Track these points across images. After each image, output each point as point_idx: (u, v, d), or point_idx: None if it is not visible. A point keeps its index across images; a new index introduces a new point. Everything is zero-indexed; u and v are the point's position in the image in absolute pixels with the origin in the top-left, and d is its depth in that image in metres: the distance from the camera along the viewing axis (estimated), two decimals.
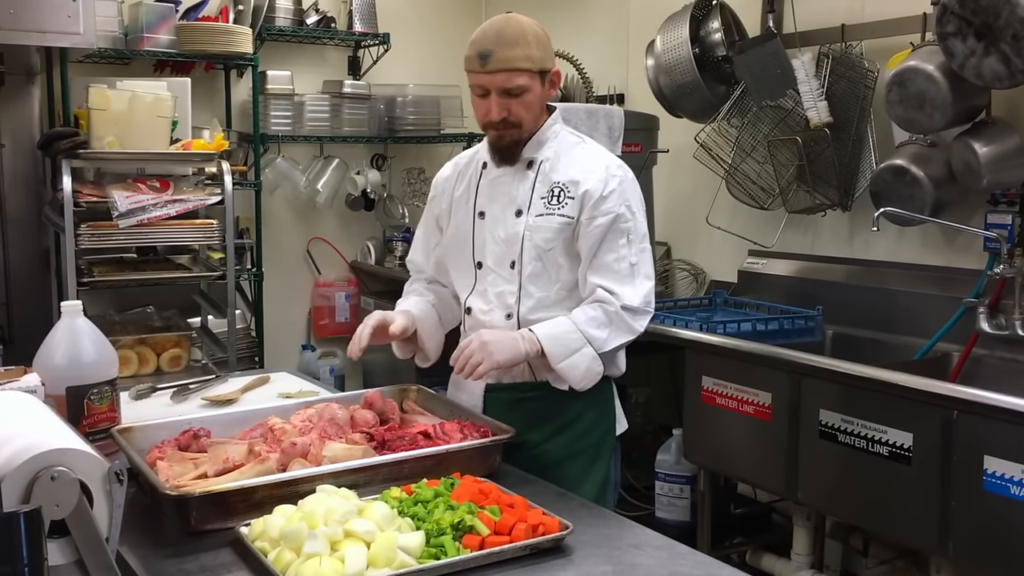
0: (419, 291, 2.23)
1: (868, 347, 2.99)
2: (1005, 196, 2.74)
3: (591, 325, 1.95)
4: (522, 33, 1.94)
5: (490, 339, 1.90)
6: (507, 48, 1.92)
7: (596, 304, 1.98)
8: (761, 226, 3.47)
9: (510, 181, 2.06)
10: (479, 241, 2.08)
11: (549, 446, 2.03)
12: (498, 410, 2.02)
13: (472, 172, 2.14)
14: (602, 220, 1.97)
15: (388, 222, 4.82)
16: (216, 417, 1.94)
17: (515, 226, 2.03)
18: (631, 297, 1.97)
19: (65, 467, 1.15)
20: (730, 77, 3.37)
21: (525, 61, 1.93)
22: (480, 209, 2.09)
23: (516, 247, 2.02)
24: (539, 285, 2.02)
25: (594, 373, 1.98)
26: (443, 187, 2.20)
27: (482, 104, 1.99)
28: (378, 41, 4.61)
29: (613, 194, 1.99)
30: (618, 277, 1.98)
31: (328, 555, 1.36)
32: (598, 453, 2.09)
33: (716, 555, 1.96)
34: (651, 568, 1.47)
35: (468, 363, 1.88)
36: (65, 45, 3.40)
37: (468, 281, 2.11)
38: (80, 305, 1.84)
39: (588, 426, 2.08)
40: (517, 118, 1.98)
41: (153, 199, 3.37)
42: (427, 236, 2.27)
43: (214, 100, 4.37)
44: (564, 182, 2.01)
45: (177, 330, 3.65)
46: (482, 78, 1.96)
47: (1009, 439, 2.16)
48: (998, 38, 2.41)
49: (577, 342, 1.94)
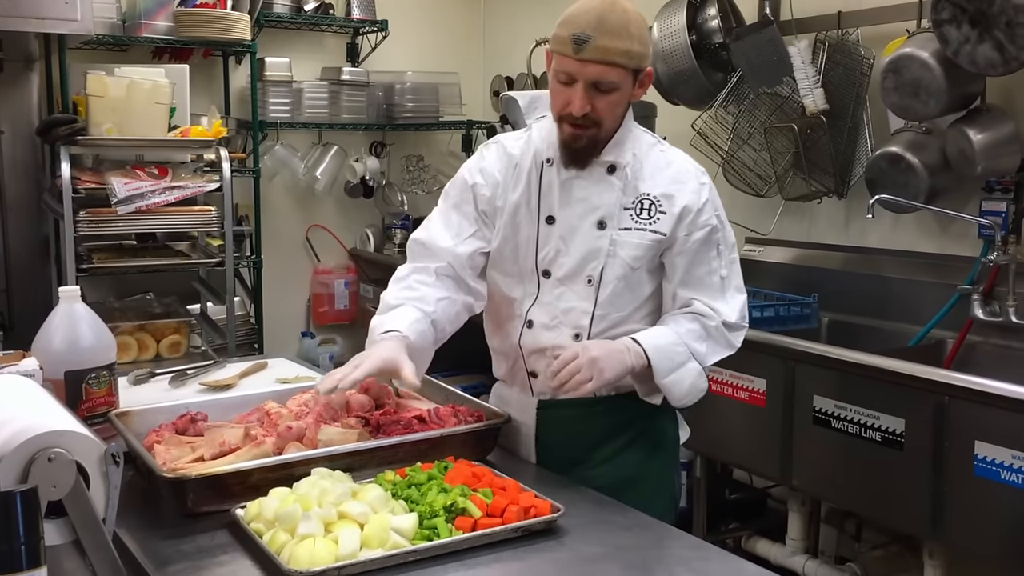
0: (420, 294, 1.86)
1: (863, 334, 3.01)
2: (1000, 183, 2.75)
3: (692, 337, 1.82)
4: (626, 23, 1.72)
5: (599, 354, 1.74)
6: (608, 38, 1.70)
7: (693, 316, 1.84)
8: (757, 213, 3.48)
9: (588, 186, 1.84)
10: (547, 249, 1.86)
11: (612, 464, 1.90)
12: (553, 429, 1.91)
13: (531, 167, 1.89)
14: (699, 235, 1.83)
15: (387, 209, 4.83)
16: (213, 402, 1.95)
17: (597, 240, 1.83)
18: (728, 313, 1.84)
19: (62, 448, 1.16)
20: (727, 64, 3.38)
21: (624, 56, 1.72)
22: (548, 213, 1.86)
23: (597, 262, 1.83)
24: (618, 305, 1.85)
25: (698, 390, 1.84)
26: (491, 179, 1.92)
27: (564, 93, 1.77)
28: (376, 28, 4.61)
29: (707, 205, 1.84)
30: (711, 292, 1.84)
31: (322, 536, 1.37)
32: (664, 467, 1.97)
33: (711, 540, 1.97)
34: (642, 550, 1.48)
35: (574, 379, 1.72)
36: (63, 31, 3.41)
37: (529, 289, 1.89)
38: (78, 290, 1.85)
39: (653, 439, 1.94)
40: (599, 116, 1.77)
41: (151, 186, 3.39)
42: (461, 222, 1.93)
43: (212, 87, 4.38)
44: (655, 195, 1.83)
45: (176, 317, 3.67)
46: (572, 65, 1.73)
47: (1000, 425, 2.18)
48: (992, 25, 2.42)
49: (683, 355, 1.80)
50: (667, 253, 1.85)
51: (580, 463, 1.89)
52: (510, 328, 1.93)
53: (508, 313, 1.93)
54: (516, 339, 1.92)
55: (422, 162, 4.84)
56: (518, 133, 1.98)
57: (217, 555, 1.43)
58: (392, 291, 1.89)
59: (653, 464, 1.94)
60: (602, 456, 1.90)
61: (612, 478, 1.84)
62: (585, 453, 1.90)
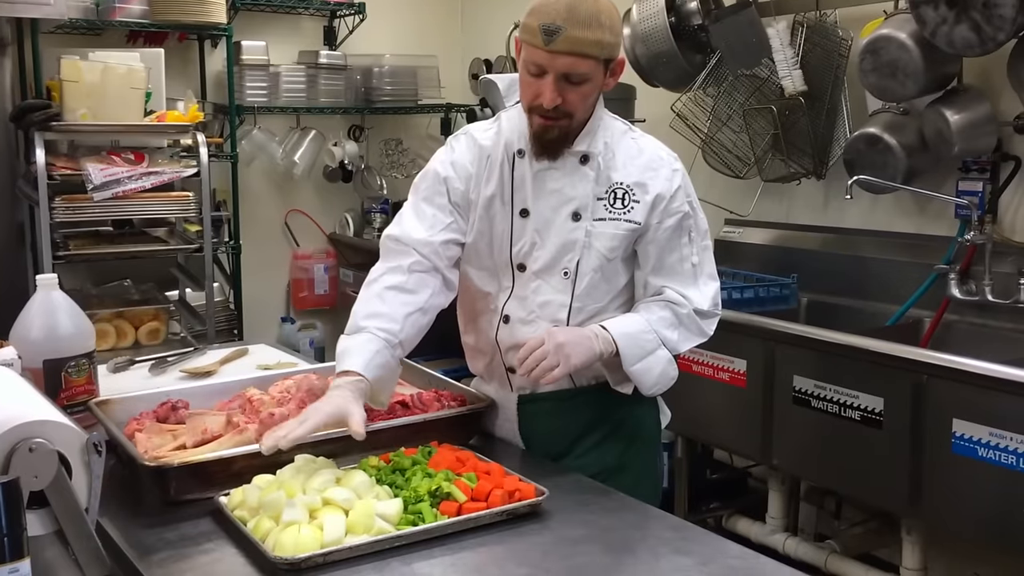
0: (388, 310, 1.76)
1: (842, 314, 3.03)
2: (976, 163, 2.77)
3: (662, 325, 1.80)
4: (597, 13, 1.68)
5: (565, 340, 1.72)
6: (579, 28, 1.66)
7: (664, 304, 1.83)
8: (737, 195, 3.49)
9: (561, 177, 1.82)
10: (521, 242, 1.84)
11: (595, 454, 1.88)
12: (534, 422, 1.90)
13: (503, 160, 1.85)
14: (670, 222, 1.81)
15: (366, 193, 4.80)
16: (194, 389, 1.94)
17: (572, 231, 1.81)
18: (700, 300, 1.83)
19: (43, 439, 1.16)
20: (706, 46, 3.37)
21: (595, 47, 1.69)
22: (522, 206, 1.84)
23: (572, 255, 1.81)
24: (595, 296, 1.83)
25: (668, 378, 1.83)
26: (463, 172, 1.87)
27: (534, 84, 1.73)
28: (353, 11, 4.57)
29: (679, 191, 1.83)
30: (683, 279, 1.83)
31: (307, 523, 1.38)
32: (645, 457, 1.96)
33: (693, 520, 1.99)
34: (625, 531, 1.50)
35: (540, 366, 1.70)
36: (36, 16, 3.36)
37: (504, 283, 1.87)
38: (55, 278, 1.83)
39: (634, 427, 1.93)
40: (571, 107, 1.74)
41: (128, 172, 3.35)
42: (435, 213, 1.85)
43: (188, 71, 4.33)
44: (628, 184, 1.81)
45: (155, 303, 3.63)
46: (542, 57, 1.69)
47: (977, 402, 2.21)
48: (969, 6, 2.43)
49: (652, 343, 1.79)
50: (640, 241, 1.83)
51: (562, 456, 1.88)
52: (485, 324, 1.91)
53: (483, 308, 1.91)
54: (493, 335, 1.89)
55: (401, 146, 4.82)
56: (487, 123, 1.94)
57: (201, 543, 1.43)
58: (362, 302, 1.80)
59: (634, 454, 1.93)
60: (583, 448, 1.89)
61: (594, 469, 1.82)
62: (567, 446, 1.89)
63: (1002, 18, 2.39)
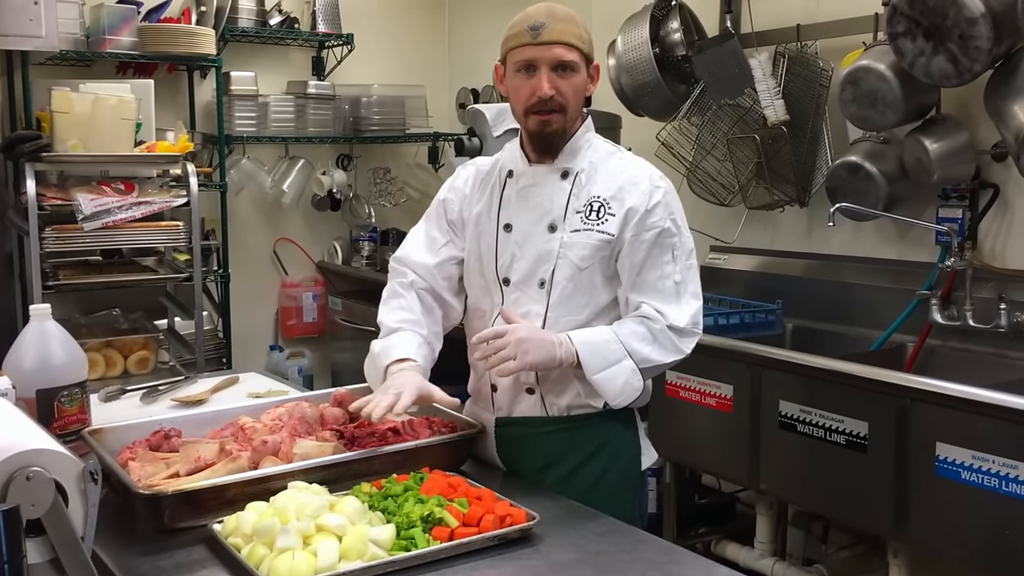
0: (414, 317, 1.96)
1: (827, 339, 3.07)
2: (955, 191, 2.82)
3: (633, 338, 1.82)
4: (572, 14, 1.86)
5: (527, 336, 1.77)
6: (561, 23, 1.82)
7: (640, 319, 1.84)
8: (722, 222, 3.53)
9: (542, 192, 1.90)
10: (505, 256, 1.91)
11: (567, 485, 1.86)
12: (509, 446, 1.93)
13: (495, 181, 1.97)
14: (648, 236, 1.84)
15: (354, 222, 4.83)
16: (187, 417, 1.95)
17: (548, 242, 1.87)
18: (677, 317, 1.83)
19: (40, 467, 1.17)
20: (690, 76, 3.43)
21: (578, 39, 1.83)
22: (506, 221, 1.92)
23: (548, 265, 1.87)
24: (569, 307, 1.86)
25: (633, 388, 1.83)
26: (460, 193, 2.02)
27: (528, 83, 1.83)
28: (342, 42, 4.62)
29: (658, 207, 1.85)
30: (663, 296, 1.84)
31: (301, 549, 1.39)
32: (622, 486, 1.94)
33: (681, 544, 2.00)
34: (615, 555, 1.51)
35: (497, 355, 1.76)
36: (28, 48, 3.39)
37: (495, 299, 1.94)
38: (48, 308, 1.85)
39: (607, 462, 1.92)
40: (564, 100, 1.83)
41: (118, 202, 3.37)
42: (434, 235, 2.02)
43: (178, 102, 4.36)
44: (605, 197, 1.86)
45: (144, 332, 3.64)
46: (532, 51, 1.81)
47: (961, 426, 2.24)
48: (946, 38, 2.49)
49: (617, 353, 1.81)
50: (619, 257, 1.87)
51: (536, 482, 1.87)
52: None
53: (479, 326, 1.95)
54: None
55: (389, 174, 4.85)
56: (496, 155, 2.05)
57: (195, 570, 1.44)
58: (387, 313, 1.98)
59: (609, 484, 1.92)
60: (557, 475, 1.89)
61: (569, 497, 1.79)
62: (540, 471, 1.89)
63: (978, 50, 2.45)
